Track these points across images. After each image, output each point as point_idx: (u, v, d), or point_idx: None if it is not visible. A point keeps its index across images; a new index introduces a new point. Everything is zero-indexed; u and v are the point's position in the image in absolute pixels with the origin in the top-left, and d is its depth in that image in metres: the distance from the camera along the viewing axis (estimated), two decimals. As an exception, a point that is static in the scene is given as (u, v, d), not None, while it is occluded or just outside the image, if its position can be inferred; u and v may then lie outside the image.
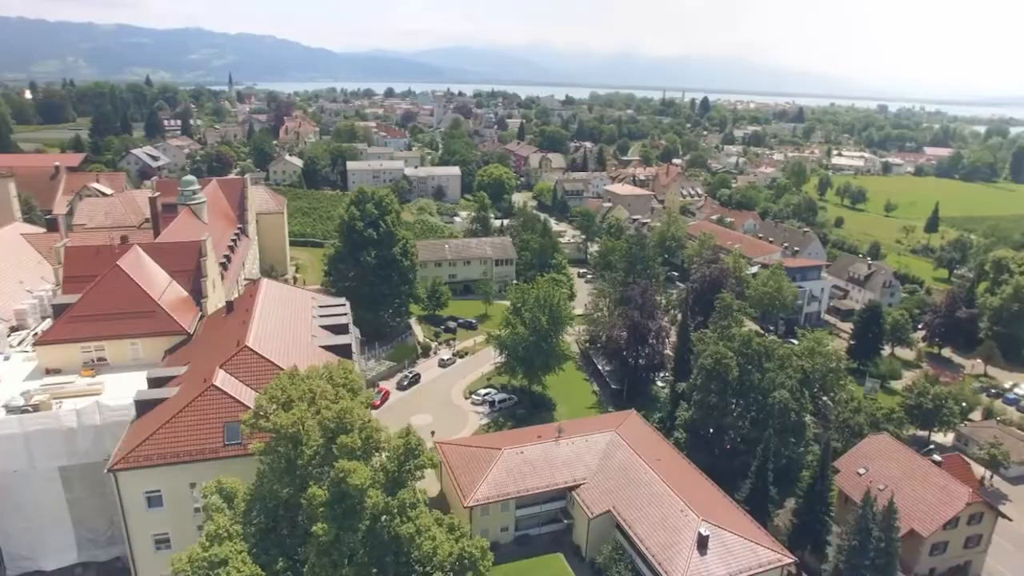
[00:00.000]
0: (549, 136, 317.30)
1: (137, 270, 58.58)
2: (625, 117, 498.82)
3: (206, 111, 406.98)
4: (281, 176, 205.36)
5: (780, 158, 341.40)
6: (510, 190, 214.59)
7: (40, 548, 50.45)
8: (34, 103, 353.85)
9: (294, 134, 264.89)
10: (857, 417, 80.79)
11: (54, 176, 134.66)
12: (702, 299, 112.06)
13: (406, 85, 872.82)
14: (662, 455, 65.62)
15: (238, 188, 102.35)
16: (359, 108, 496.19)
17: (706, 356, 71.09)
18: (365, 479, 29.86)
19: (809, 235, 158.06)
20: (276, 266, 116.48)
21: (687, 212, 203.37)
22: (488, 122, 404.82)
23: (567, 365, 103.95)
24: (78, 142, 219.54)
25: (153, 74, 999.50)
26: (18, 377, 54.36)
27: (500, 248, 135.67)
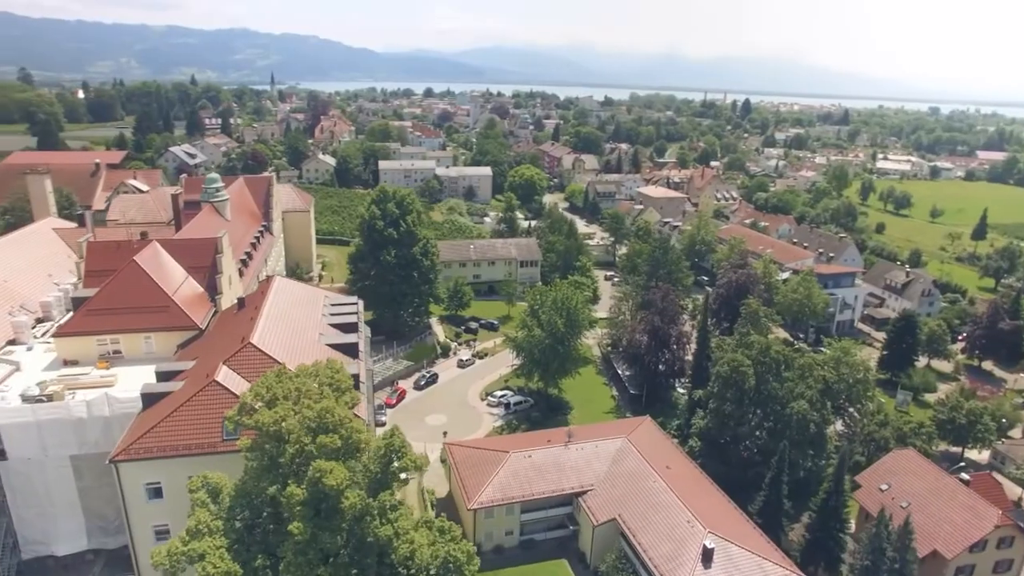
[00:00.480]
0: (584, 137, 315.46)
1: (153, 265, 59.78)
2: (664, 119, 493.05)
3: (247, 110, 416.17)
4: (314, 174, 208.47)
5: (822, 161, 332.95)
6: (541, 191, 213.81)
7: (52, 534, 51.85)
8: (85, 102, 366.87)
9: (329, 133, 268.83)
10: (883, 431, 77.99)
11: (94, 173, 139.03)
12: (728, 305, 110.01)
13: (446, 85, 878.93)
14: (673, 463, 64.26)
15: (264, 186, 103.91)
16: (397, 108, 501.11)
17: (723, 363, 69.42)
18: (342, 480, 29.69)
19: (845, 241, 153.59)
20: (302, 264, 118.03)
21: (721, 216, 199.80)
22: (523, 123, 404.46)
23: (587, 369, 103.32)
24: (122, 140, 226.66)
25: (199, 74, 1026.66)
26: (38, 367, 55.96)
27: (525, 249, 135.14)
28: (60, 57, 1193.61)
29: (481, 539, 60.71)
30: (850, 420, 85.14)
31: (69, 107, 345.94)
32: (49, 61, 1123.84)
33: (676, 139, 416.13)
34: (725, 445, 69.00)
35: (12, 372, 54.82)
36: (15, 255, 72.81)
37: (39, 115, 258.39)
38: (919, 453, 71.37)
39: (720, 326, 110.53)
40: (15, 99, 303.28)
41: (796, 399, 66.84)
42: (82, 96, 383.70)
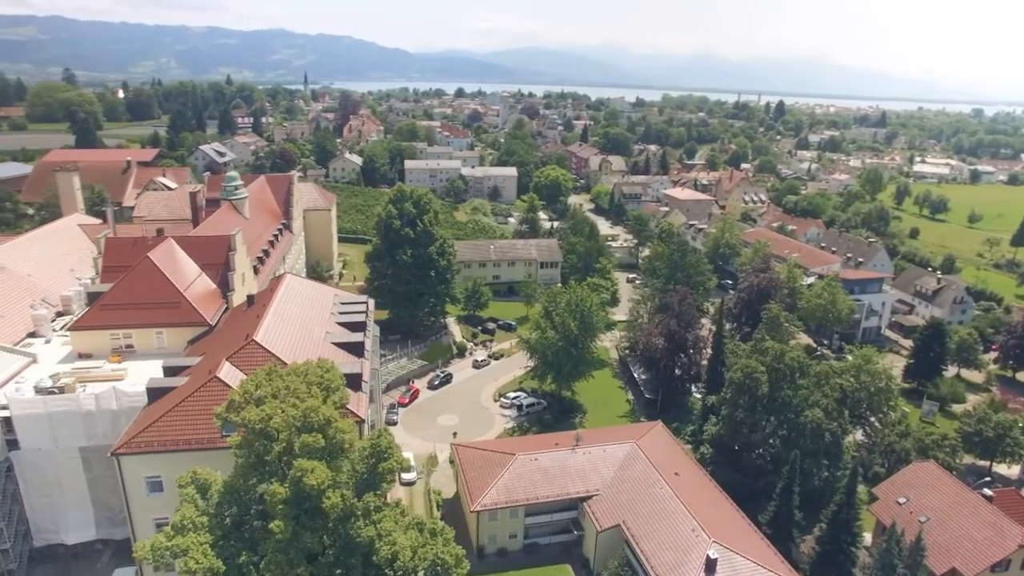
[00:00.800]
0: (613, 138, 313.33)
1: (167, 262, 60.80)
2: (696, 120, 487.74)
3: (280, 109, 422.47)
4: (340, 173, 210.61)
5: (856, 164, 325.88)
6: (566, 192, 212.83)
7: (62, 523, 53.00)
8: (124, 101, 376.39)
9: (357, 132, 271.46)
10: (903, 442, 75.83)
11: (125, 170, 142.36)
12: (750, 309, 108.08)
13: (478, 85, 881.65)
14: (682, 470, 63.17)
15: (285, 185, 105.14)
16: (428, 108, 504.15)
17: (736, 369, 68.06)
18: (323, 479, 29.66)
19: (875, 246, 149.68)
20: (322, 262, 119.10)
21: (748, 219, 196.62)
22: (551, 123, 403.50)
23: (603, 372, 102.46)
24: (156, 138, 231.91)
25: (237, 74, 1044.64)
26: (54, 360, 57.41)
27: (546, 250, 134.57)
28: (105, 58, 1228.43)
29: (484, 541, 60.50)
30: (871, 430, 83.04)
31: (109, 106, 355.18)
32: (94, 62, 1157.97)
33: (707, 141, 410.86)
34: (737, 453, 67.65)
35: (29, 364, 56.33)
36: (41, 250, 74.99)
37: (80, 114, 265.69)
38: (940, 466, 68.97)
39: (741, 331, 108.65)
40: (59, 99, 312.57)
41: (811, 407, 65.17)
42: (121, 96, 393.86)
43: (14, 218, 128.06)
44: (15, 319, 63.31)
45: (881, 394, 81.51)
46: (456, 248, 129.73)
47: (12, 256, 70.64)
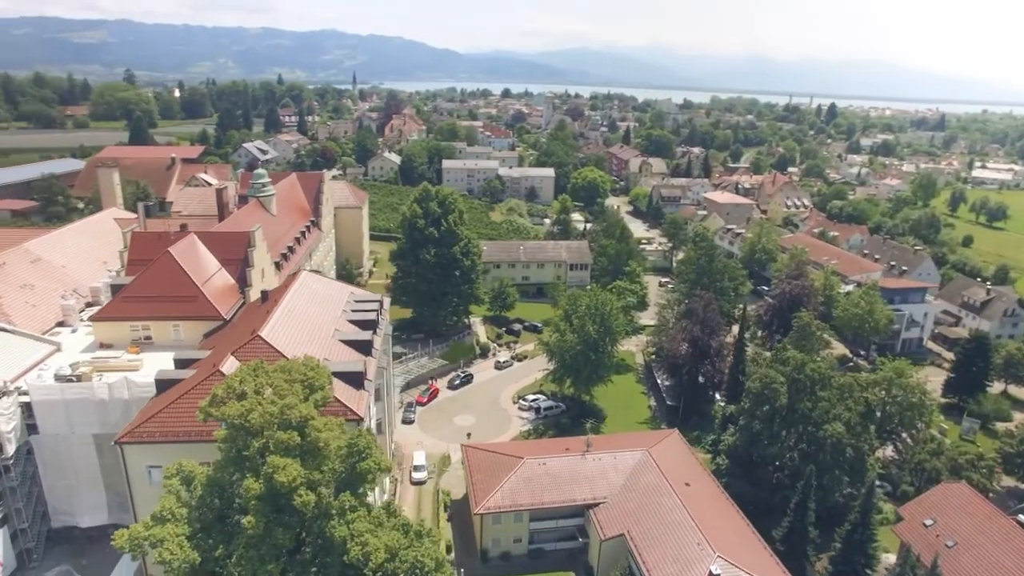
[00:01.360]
0: (655, 140, 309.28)
1: (187, 257, 62.27)
2: (744, 123, 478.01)
3: (327, 109, 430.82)
4: (379, 172, 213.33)
5: (910, 169, 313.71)
6: (604, 194, 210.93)
7: (77, 506, 54.84)
8: (180, 100, 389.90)
9: (398, 132, 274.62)
10: (934, 460, 72.33)
11: (170, 167, 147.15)
12: (781, 317, 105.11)
13: (527, 86, 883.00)
14: (694, 481, 61.53)
15: (315, 183, 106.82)
16: (473, 108, 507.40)
17: (754, 379, 66.03)
18: (294, 477, 29.73)
19: (921, 254, 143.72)
20: (352, 259, 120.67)
21: (790, 224, 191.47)
22: (594, 124, 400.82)
23: (627, 376, 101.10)
24: (204, 136, 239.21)
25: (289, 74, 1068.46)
26: (77, 348, 59.38)
27: (576, 252, 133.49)
28: (167, 59, 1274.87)
29: (488, 544, 60.14)
30: (902, 446, 79.68)
31: (165, 105, 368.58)
32: (157, 63, 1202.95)
33: (754, 144, 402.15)
34: (753, 465, 65.54)
35: (53, 352, 58.39)
36: (76, 243, 77.84)
37: (136, 112, 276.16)
38: (971, 488, 65.48)
39: (772, 339, 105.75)
40: (118, 98, 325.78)
41: (832, 421, 62.68)
42: (177, 95, 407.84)
43: (65, 212, 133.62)
44: (47, 309, 65.88)
45: (914, 409, 78.25)
46: (485, 248, 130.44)
47: (49, 248, 73.54)
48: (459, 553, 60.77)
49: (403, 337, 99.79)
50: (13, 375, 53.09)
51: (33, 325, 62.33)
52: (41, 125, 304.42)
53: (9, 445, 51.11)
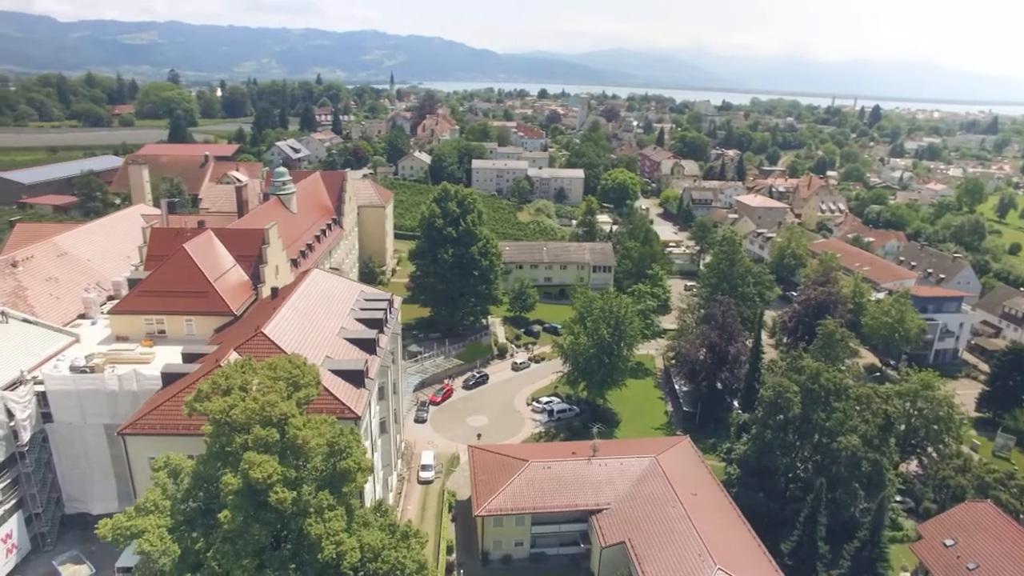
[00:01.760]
0: (689, 142, 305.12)
1: (201, 253, 63.41)
2: (783, 125, 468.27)
3: (364, 108, 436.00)
4: (409, 171, 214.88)
5: (957, 174, 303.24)
6: (634, 195, 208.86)
7: (89, 494, 56.36)
8: (221, 99, 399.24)
9: (430, 131, 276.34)
10: (959, 477, 69.53)
11: (203, 164, 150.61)
12: (806, 324, 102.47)
13: (565, 87, 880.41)
14: (702, 490, 60.29)
15: (338, 181, 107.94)
16: (509, 108, 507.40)
17: (768, 387, 64.44)
18: (269, 474, 29.87)
19: (960, 262, 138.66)
20: (374, 257, 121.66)
21: (824, 229, 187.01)
22: (627, 126, 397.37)
23: (645, 381, 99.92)
24: (241, 134, 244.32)
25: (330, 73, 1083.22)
26: (95, 340, 60.97)
27: (599, 254, 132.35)
28: (213, 59, 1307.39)
29: (489, 547, 59.93)
30: (928, 461, 76.92)
31: (207, 104, 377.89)
32: (203, 63, 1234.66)
33: (793, 147, 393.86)
34: (764, 475, 63.95)
35: (72, 343, 60.03)
36: (103, 237, 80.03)
37: (178, 111, 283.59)
38: (998, 509, 62.71)
39: (796, 346, 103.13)
40: (161, 97, 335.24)
41: (847, 433, 60.75)
42: (219, 94, 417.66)
43: (103, 207, 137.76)
44: (70, 301, 67.89)
45: (941, 423, 75.47)
46: (507, 249, 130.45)
47: (76, 242, 75.80)
48: (461, 554, 60.68)
49: (420, 336, 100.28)
50: (31, 365, 54.84)
51: (55, 317, 64.29)
52: (90, 123, 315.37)
53: (24, 432, 52.77)
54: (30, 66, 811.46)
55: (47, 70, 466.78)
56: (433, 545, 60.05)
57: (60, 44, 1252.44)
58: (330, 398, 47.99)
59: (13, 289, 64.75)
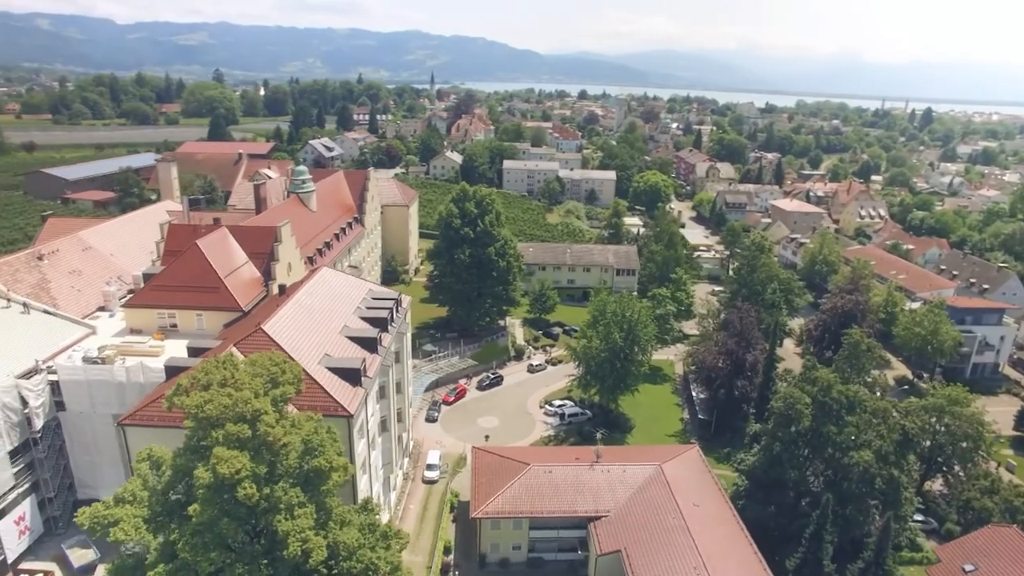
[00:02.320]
0: (727, 145, 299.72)
1: (214, 249, 64.62)
2: (828, 128, 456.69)
3: (402, 107, 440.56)
4: (440, 171, 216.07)
5: (1014, 179, 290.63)
6: (666, 198, 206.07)
7: (100, 481, 57.83)
8: (263, 99, 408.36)
9: (464, 131, 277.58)
10: (985, 500, 66.43)
11: (237, 162, 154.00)
12: (832, 333, 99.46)
13: (607, 88, 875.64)
14: (705, 501, 58.93)
15: (361, 180, 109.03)
16: (548, 109, 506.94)
17: (778, 398, 62.62)
18: (237, 469, 30.12)
19: (1006, 272, 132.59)
20: (397, 256, 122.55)
21: (862, 235, 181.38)
22: (664, 127, 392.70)
23: (663, 387, 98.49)
24: (278, 133, 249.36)
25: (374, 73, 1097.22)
26: (110, 333, 62.76)
27: (623, 257, 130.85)
28: (260, 58, 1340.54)
29: (486, 549, 59.68)
30: (954, 480, 73.79)
31: (250, 103, 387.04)
32: (251, 62, 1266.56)
33: (837, 151, 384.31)
34: (773, 489, 62.07)
35: (88, 335, 61.89)
36: (127, 233, 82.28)
37: (220, 110, 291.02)
38: (1023, 534, 59.69)
39: (821, 356, 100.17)
40: (205, 96, 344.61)
41: (860, 448, 58.59)
42: (262, 93, 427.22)
43: (139, 203, 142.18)
44: (91, 294, 70.05)
45: (970, 441, 72.30)
46: (531, 250, 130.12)
47: (101, 237, 78.20)
48: (459, 556, 60.56)
49: (437, 336, 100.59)
50: (47, 354, 56.73)
51: (76, 309, 66.37)
52: (137, 121, 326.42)
53: (37, 420, 54.61)
54: (90, 66, 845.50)
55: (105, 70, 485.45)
56: (430, 545, 60.19)
57: (118, 45, 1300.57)
58: (324, 395, 48.41)
59: (38, 281, 67.12)
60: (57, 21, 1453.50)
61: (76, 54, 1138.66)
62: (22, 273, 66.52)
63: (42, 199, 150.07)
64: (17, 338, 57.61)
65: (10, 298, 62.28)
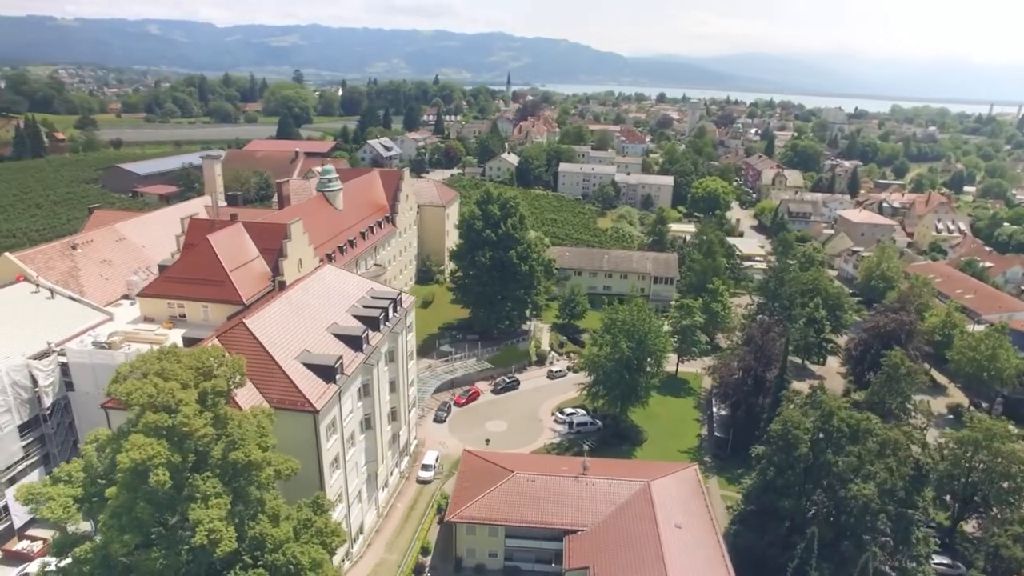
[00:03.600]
0: (801, 151, 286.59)
1: (224, 244, 67.19)
2: (920, 134, 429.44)
3: (475, 108, 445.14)
4: (496, 173, 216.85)
5: None
6: (725, 205, 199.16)
7: (104, 460, 61.28)
8: (341, 98, 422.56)
9: (525, 133, 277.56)
10: (1017, 549, 60.49)
11: (293, 160, 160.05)
12: (873, 353, 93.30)
13: (690, 91, 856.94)
14: (690, 524, 56.36)
15: (395, 180, 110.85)
16: (623, 112, 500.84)
17: (777, 421, 59.22)
18: (150, 456, 31.14)
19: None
20: (432, 256, 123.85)
21: (937, 250, 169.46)
22: (735, 132, 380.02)
23: (686, 400, 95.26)
24: (344, 132, 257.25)
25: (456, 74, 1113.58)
26: (125, 320, 66.39)
27: (663, 265, 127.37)
28: (347, 59, 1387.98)
29: (463, 553, 59.39)
30: (986, 523, 67.62)
31: (328, 102, 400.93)
32: (338, 62, 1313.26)
33: (928, 159, 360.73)
34: (767, 516, 58.67)
35: (105, 321, 65.75)
36: (161, 226, 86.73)
37: (295, 108, 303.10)
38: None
39: (861, 378, 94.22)
40: (282, 95, 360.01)
41: (861, 481, 54.53)
42: (340, 93, 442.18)
43: (197, 197, 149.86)
44: (118, 283, 74.52)
45: (1011, 481, 66.09)
46: (567, 255, 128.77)
47: (136, 229, 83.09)
48: (438, 558, 60.50)
49: (458, 336, 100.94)
50: (63, 337, 60.62)
51: (101, 296, 70.74)
52: (219, 120, 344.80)
53: (47, 398, 58.54)
54: (191, 67, 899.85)
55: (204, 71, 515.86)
56: (408, 544, 60.44)
57: (217, 47, 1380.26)
58: (293, 390, 49.44)
59: (68, 269, 71.94)
60: (165, 26, 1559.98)
61: (179, 56, 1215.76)
62: (55, 261, 71.46)
63: (115, 192, 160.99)
64: (38, 321, 61.89)
65: (39, 284, 67.16)
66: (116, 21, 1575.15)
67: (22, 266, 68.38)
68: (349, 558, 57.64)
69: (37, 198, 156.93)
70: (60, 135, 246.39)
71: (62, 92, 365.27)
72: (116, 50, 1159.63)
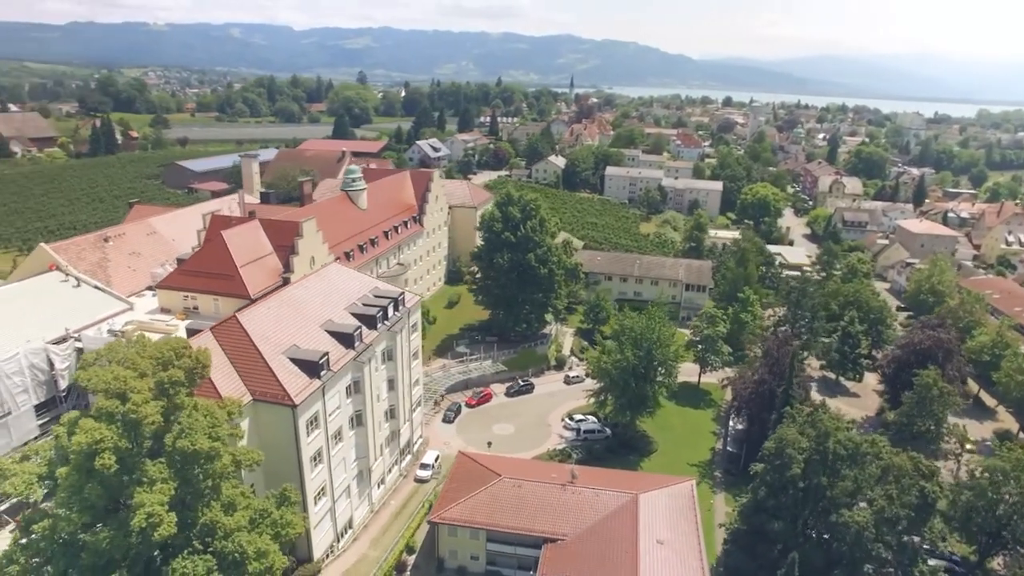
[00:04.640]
0: (865, 158, 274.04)
1: (237, 240, 69.63)
2: (1005, 141, 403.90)
3: (534, 111, 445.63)
4: (543, 175, 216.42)
5: None
6: (776, 213, 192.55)
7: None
8: (403, 99, 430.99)
9: (575, 136, 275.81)
10: (1036, 588, 56.23)
11: (340, 159, 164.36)
12: (909, 372, 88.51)
13: (760, 95, 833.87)
14: (675, 539, 54.97)
15: (425, 180, 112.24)
16: (685, 115, 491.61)
17: (772, 439, 56.99)
18: (97, 439, 32.71)
19: None
20: (462, 257, 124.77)
21: (1005, 264, 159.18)
22: (795, 137, 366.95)
23: (705, 412, 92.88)
24: (399, 132, 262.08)
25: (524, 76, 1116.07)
26: (144, 310, 69.73)
27: (695, 272, 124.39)
28: (417, 61, 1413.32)
29: (444, 554, 59.62)
30: (1012, 561, 63.12)
31: (390, 103, 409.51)
32: (408, 64, 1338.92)
33: (1014, 167, 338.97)
34: (758, 538, 56.48)
35: (125, 310, 69.16)
36: (190, 221, 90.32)
37: (354, 109, 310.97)
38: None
39: (895, 397, 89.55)
40: (343, 96, 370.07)
41: (856, 507, 51.83)
42: (402, 94, 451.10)
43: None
44: (144, 274, 78.19)
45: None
46: (599, 259, 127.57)
47: (166, 224, 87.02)
48: (422, 557, 60.95)
49: (477, 338, 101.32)
50: (82, 324, 64.16)
51: (127, 287, 74.37)
52: (284, 119, 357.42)
53: (63, 380, 61.89)
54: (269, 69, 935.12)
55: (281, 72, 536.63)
56: (392, 541, 61.13)
57: (294, 50, 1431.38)
58: (275, 384, 50.87)
59: (98, 260, 76.05)
60: (247, 30, 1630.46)
61: (258, 58, 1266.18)
62: (87, 252, 75.66)
63: (173, 188, 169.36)
64: (62, 308, 65.65)
65: (68, 273, 71.28)
66: (202, 25, 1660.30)
67: (55, 256, 72.65)
68: (333, 552, 58.78)
69: (101, 192, 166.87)
70: (134, 133, 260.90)
71: (144, 93, 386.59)
72: (200, 53, 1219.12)
